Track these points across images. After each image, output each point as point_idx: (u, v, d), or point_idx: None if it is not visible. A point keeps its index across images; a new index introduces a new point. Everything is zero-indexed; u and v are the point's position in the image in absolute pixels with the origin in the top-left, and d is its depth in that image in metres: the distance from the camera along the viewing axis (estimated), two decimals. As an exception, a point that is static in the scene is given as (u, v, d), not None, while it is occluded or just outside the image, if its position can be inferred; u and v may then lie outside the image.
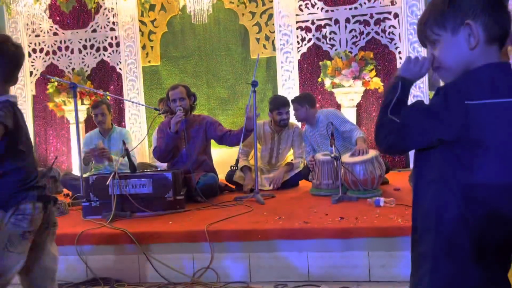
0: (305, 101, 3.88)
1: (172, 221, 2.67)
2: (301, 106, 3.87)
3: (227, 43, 5.47)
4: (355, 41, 5.14)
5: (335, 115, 3.84)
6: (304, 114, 3.88)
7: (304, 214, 2.64)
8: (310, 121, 3.94)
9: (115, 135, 4.06)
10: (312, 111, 3.89)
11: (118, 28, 5.47)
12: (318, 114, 3.92)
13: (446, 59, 1.04)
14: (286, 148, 4.12)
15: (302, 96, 4.05)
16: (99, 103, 4.06)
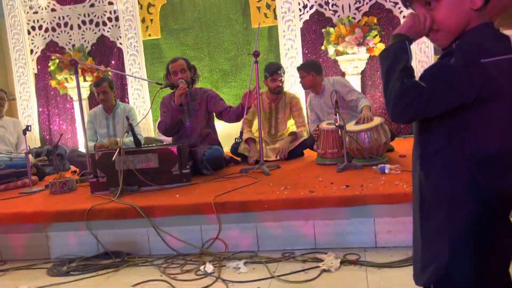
0: (311, 68, 3.82)
1: (179, 194, 2.70)
2: (307, 73, 3.81)
3: (228, 13, 5.37)
4: (358, 7, 5.02)
5: (341, 83, 3.80)
6: (310, 81, 3.83)
7: (309, 183, 2.65)
8: (316, 89, 3.89)
9: (119, 111, 4.06)
10: (318, 78, 3.83)
11: (117, 1, 5.38)
12: (325, 82, 3.87)
13: (448, 19, 1.00)
14: (284, 117, 4.10)
15: (308, 63, 3.99)
16: (100, 81, 4.02)
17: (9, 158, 3.61)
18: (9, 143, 4.10)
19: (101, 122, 4.06)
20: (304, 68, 3.86)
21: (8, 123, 4.14)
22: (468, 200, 0.96)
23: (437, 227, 1.00)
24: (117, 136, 4.02)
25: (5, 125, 4.10)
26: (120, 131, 4.02)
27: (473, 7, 0.97)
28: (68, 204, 2.69)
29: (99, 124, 4.07)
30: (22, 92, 5.62)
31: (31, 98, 5.62)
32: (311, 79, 3.82)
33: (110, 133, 4.06)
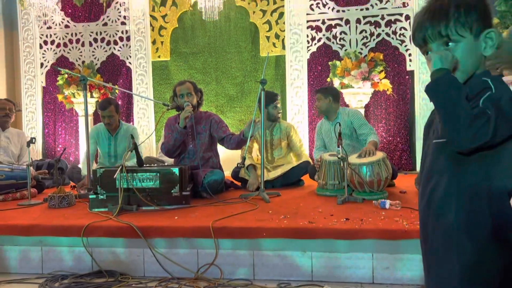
0: (329, 93, 3.86)
1: (178, 216, 2.68)
2: (325, 98, 3.84)
3: (237, 41, 5.47)
4: (365, 42, 5.12)
5: (357, 115, 3.84)
6: (326, 106, 3.84)
7: (309, 214, 2.65)
8: (330, 115, 3.91)
9: (122, 131, 4.06)
10: (334, 105, 3.86)
11: (129, 22, 5.50)
12: (340, 111, 3.90)
13: (466, 60, 1.08)
14: (280, 144, 4.12)
15: (328, 88, 4.03)
16: (106, 105, 3.92)
17: (10, 169, 3.61)
18: (12, 154, 4.11)
19: (104, 141, 4.07)
20: (322, 92, 3.88)
21: (13, 134, 4.16)
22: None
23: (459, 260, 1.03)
24: (118, 156, 4.02)
25: (9, 136, 4.12)
26: (121, 151, 4.02)
27: (484, 54, 1.08)
28: (66, 219, 2.68)
29: (101, 142, 4.07)
30: (28, 104, 5.67)
31: (36, 110, 5.67)
32: (327, 104, 3.84)
33: (111, 153, 4.05)
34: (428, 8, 1.11)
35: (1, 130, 4.09)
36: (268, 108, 4.00)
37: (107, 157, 4.04)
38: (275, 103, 4.03)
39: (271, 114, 4.03)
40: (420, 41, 1.12)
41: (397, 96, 5.10)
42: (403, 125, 5.11)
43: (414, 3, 4.97)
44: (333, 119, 3.88)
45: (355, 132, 3.78)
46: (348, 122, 3.80)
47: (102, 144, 4.06)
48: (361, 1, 5.12)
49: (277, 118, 4.10)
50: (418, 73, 5.01)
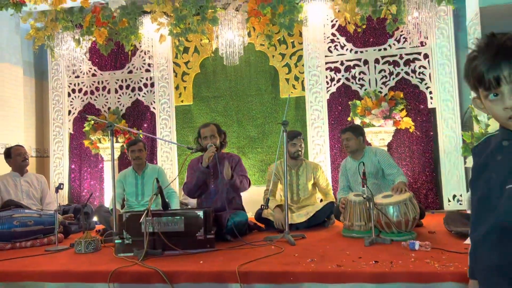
0: (359, 132, 3.83)
1: (203, 260, 2.66)
2: (356, 137, 3.79)
3: (258, 84, 5.59)
4: (385, 81, 5.16)
5: (385, 155, 3.78)
6: (356, 145, 3.79)
7: (336, 257, 2.59)
8: (357, 154, 3.85)
9: (149, 171, 4.20)
10: (362, 144, 3.84)
11: (153, 69, 5.70)
12: (367, 149, 3.86)
13: None
14: (306, 183, 4.10)
15: (357, 127, 3.97)
16: (136, 141, 4.24)
17: (39, 215, 3.68)
18: (34, 197, 4.21)
19: (131, 181, 4.16)
20: (352, 131, 3.83)
21: (32, 178, 4.28)
22: None
23: None
24: (145, 194, 4.12)
25: (29, 180, 4.24)
26: (148, 190, 4.11)
27: None
28: (92, 265, 2.69)
29: (128, 184, 4.16)
30: (56, 150, 5.84)
31: (64, 156, 5.82)
32: (357, 143, 3.79)
33: (138, 192, 4.14)
34: (501, 45, 1.01)
35: (20, 175, 4.22)
36: (287, 146, 4.02)
37: (134, 196, 4.13)
38: (294, 141, 4.03)
39: (290, 152, 4.04)
40: (492, 81, 1.01)
41: (420, 134, 5.06)
42: (428, 163, 5.03)
43: (432, 42, 5.02)
44: (359, 158, 3.82)
45: (381, 172, 3.73)
46: (375, 161, 3.75)
47: (129, 185, 4.17)
48: (378, 41, 5.21)
49: (297, 156, 4.09)
50: (440, 110, 4.98)
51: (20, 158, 4.18)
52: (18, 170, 4.19)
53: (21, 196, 4.10)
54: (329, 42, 5.31)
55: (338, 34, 5.31)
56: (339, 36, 5.30)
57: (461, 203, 4.81)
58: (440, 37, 5.01)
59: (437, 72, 5.01)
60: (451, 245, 2.76)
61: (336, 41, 5.30)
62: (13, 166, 4.21)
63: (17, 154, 4.18)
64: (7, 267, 2.74)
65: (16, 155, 4.18)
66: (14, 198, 4.01)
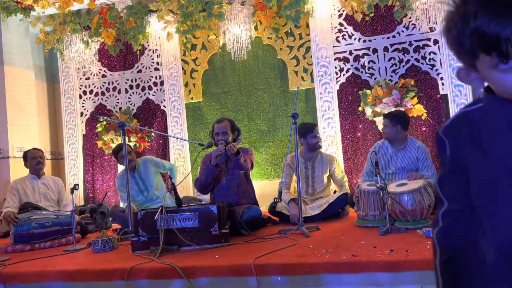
0: (398, 121, 3.68)
1: (218, 255, 2.68)
2: (393, 125, 3.67)
3: (266, 77, 5.58)
4: (395, 69, 5.10)
5: (425, 154, 3.64)
6: (393, 134, 3.67)
7: (351, 247, 2.59)
8: (396, 143, 3.72)
9: (141, 166, 4.38)
10: (402, 133, 3.69)
11: (162, 67, 5.73)
12: (410, 140, 3.72)
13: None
14: (321, 175, 4.09)
15: (398, 115, 3.78)
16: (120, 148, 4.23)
17: (56, 216, 3.74)
18: (51, 199, 4.28)
19: (130, 182, 4.23)
20: (390, 118, 3.69)
21: (49, 181, 4.35)
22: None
23: None
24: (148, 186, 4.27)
25: (46, 182, 4.31)
26: (148, 181, 4.20)
27: None
28: (110, 263, 2.73)
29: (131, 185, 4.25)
30: (70, 152, 5.92)
31: (78, 158, 5.90)
32: (394, 132, 3.67)
33: (142, 188, 4.22)
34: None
35: (37, 177, 4.29)
36: (307, 138, 4.01)
37: (140, 193, 4.21)
38: (314, 133, 4.03)
39: (310, 144, 4.04)
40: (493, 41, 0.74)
41: (432, 121, 5.00)
42: (441, 150, 4.97)
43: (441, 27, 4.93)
44: (399, 147, 3.69)
45: (416, 170, 3.59)
46: (413, 157, 3.63)
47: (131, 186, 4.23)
48: (387, 29, 5.15)
49: (318, 148, 4.08)
50: (452, 96, 4.91)
51: (34, 161, 4.25)
52: (35, 173, 4.27)
53: (39, 199, 4.17)
54: (336, 32, 5.26)
55: (345, 24, 5.26)
56: (346, 25, 5.26)
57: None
58: (450, 21, 4.92)
59: (448, 57, 4.93)
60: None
61: (344, 31, 5.26)
62: (29, 169, 4.28)
63: (32, 158, 4.25)
64: (27, 268, 2.80)
65: (31, 158, 4.25)
66: (32, 200, 4.08)
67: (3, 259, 3.08)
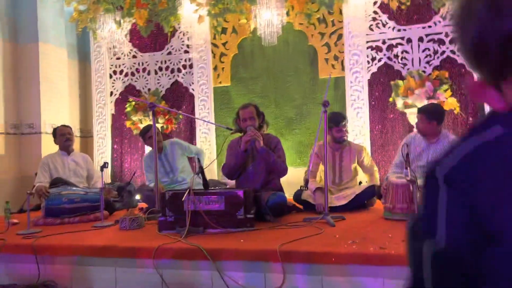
0: (433, 117, 3.60)
1: (244, 239, 2.69)
2: (428, 121, 3.59)
3: (296, 64, 5.51)
4: (429, 60, 4.97)
5: None
6: (427, 129, 3.59)
7: (378, 239, 2.55)
8: (429, 136, 3.65)
9: (167, 147, 4.45)
10: (438, 128, 3.62)
11: (192, 50, 5.73)
12: (444, 134, 3.65)
13: None
14: (349, 166, 4.04)
15: (434, 110, 3.67)
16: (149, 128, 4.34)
17: (85, 192, 3.82)
18: (81, 176, 4.37)
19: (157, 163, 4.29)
20: (426, 114, 3.59)
21: (78, 157, 4.44)
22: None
23: None
24: (174, 169, 4.37)
25: (75, 159, 4.40)
26: (174, 163, 4.25)
27: None
28: (137, 241, 2.78)
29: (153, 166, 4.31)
30: (99, 131, 6.03)
31: (106, 136, 6.00)
32: (429, 128, 3.59)
33: (167, 170, 4.27)
34: None
35: (67, 154, 4.37)
36: (332, 131, 3.96)
37: (166, 174, 4.28)
38: (340, 127, 3.96)
39: (334, 137, 3.99)
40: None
41: (465, 115, 4.86)
42: (473, 145, 4.84)
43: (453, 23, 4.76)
44: (432, 141, 3.61)
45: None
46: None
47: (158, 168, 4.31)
48: (423, 19, 5.00)
49: (343, 141, 4.03)
50: (488, 90, 4.75)
51: (63, 138, 4.33)
52: (64, 149, 4.36)
53: (69, 174, 4.27)
54: (370, 20, 5.14)
55: (380, 12, 5.13)
56: (381, 13, 5.13)
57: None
58: (490, 13, 4.74)
59: (486, 50, 4.76)
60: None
61: (378, 19, 5.13)
62: (59, 145, 4.38)
63: (60, 134, 4.34)
64: (58, 241, 2.88)
65: (60, 135, 4.34)
66: (62, 176, 4.18)
67: (35, 231, 3.18)
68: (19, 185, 5.28)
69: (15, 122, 5.37)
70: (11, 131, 5.31)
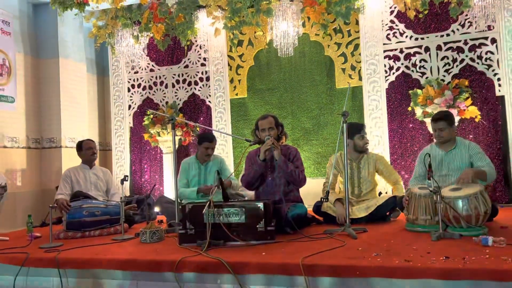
0: (451, 120, 3.53)
1: (265, 252, 2.67)
2: (450, 126, 3.51)
3: (312, 75, 5.51)
4: (448, 69, 4.91)
5: (476, 149, 3.48)
6: (450, 134, 3.51)
7: (402, 251, 2.50)
8: (448, 144, 3.57)
9: (211, 162, 4.37)
10: (454, 133, 3.56)
11: (209, 63, 5.77)
12: (458, 140, 3.57)
13: None
14: (368, 176, 3.98)
15: (449, 114, 3.59)
16: (212, 138, 4.33)
17: (105, 205, 3.85)
18: (101, 189, 4.41)
19: (194, 171, 4.31)
20: (447, 119, 3.51)
21: (98, 171, 4.49)
22: None
23: None
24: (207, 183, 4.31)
25: (96, 172, 4.45)
26: (210, 180, 4.23)
27: None
28: (158, 254, 2.77)
29: (191, 173, 4.34)
30: (117, 144, 6.09)
31: (125, 149, 6.06)
32: (450, 132, 3.51)
33: (201, 182, 4.27)
34: None
35: (89, 167, 4.42)
36: (355, 138, 3.92)
37: (197, 186, 4.24)
38: (362, 134, 3.95)
39: (357, 145, 3.95)
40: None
41: (487, 124, 4.78)
42: (496, 154, 4.74)
43: (500, 26, 4.70)
44: (450, 148, 3.53)
45: (471, 166, 3.42)
46: (465, 155, 3.47)
47: (191, 175, 4.34)
48: (441, 27, 4.96)
49: (365, 150, 4.00)
50: (510, 98, 4.67)
51: (89, 152, 4.40)
52: (88, 163, 4.42)
53: (90, 188, 4.31)
54: (387, 30, 5.12)
55: (396, 21, 5.11)
56: (398, 22, 5.10)
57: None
58: (510, 19, 4.68)
59: (507, 57, 4.69)
60: (529, 242, 2.58)
61: (395, 28, 5.11)
62: (83, 158, 4.43)
63: (87, 148, 4.40)
64: (80, 254, 2.89)
65: (86, 149, 4.40)
66: (83, 189, 4.22)
67: (57, 245, 3.20)
68: (40, 199, 5.36)
69: (36, 136, 5.47)
70: (32, 145, 5.41)
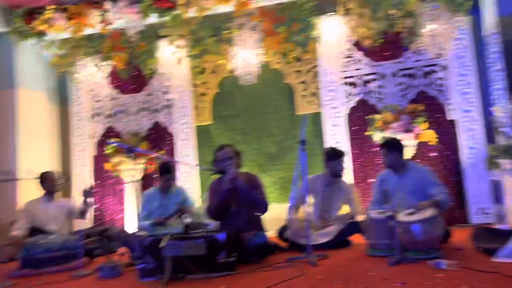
0: (394, 149, 3.71)
1: (226, 284, 2.65)
2: (390, 153, 3.68)
3: (275, 101, 5.61)
4: (404, 94, 5.11)
5: (428, 173, 3.62)
6: (392, 161, 3.68)
7: (361, 278, 2.54)
8: (398, 169, 3.70)
9: (173, 193, 4.31)
10: (401, 159, 3.70)
11: (172, 91, 5.78)
12: (410, 165, 3.73)
13: None
14: (338, 202, 4.05)
15: (393, 143, 3.80)
16: (171, 169, 4.31)
17: (63, 240, 3.73)
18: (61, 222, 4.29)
19: (155, 202, 4.25)
20: (387, 147, 3.72)
21: (60, 203, 4.39)
22: None
23: None
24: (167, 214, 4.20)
25: (58, 204, 4.34)
26: (172, 209, 4.18)
27: None
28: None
29: (154, 204, 4.26)
30: (80, 174, 5.94)
31: (87, 179, 5.91)
32: (392, 159, 3.67)
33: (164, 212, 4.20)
34: None
35: (50, 200, 4.30)
36: (334, 163, 4.02)
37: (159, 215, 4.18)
38: (340, 160, 4.06)
39: (335, 170, 4.05)
40: None
41: (442, 147, 4.97)
42: (451, 175, 4.93)
43: (450, 53, 4.96)
44: (401, 173, 3.67)
45: (423, 191, 3.53)
46: (417, 179, 3.59)
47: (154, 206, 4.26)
48: (396, 55, 5.18)
49: (339, 176, 4.10)
50: (462, 121, 4.90)
51: (53, 183, 4.30)
52: (50, 194, 4.31)
53: (48, 221, 4.18)
54: (345, 57, 5.30)
55: (354, 49, 5.30)
56: (355, 51, 5.29)
57: (489, 217, 4.68)
58: (459, 47, 4.95)
59: (457, 83, 4.94)
60: (480, 263, 2.67)
61: (352, 56, 5.29)
62: (46, 190, 4.32)
63: (50, 180, 4.30)
64: (34, 294, 2.78)
65: (49, 180, 4.30)
66: (42, 223, 4.09)
67: (8, 284, 3.07)
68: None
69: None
70: (-15, 179, 5.20)
